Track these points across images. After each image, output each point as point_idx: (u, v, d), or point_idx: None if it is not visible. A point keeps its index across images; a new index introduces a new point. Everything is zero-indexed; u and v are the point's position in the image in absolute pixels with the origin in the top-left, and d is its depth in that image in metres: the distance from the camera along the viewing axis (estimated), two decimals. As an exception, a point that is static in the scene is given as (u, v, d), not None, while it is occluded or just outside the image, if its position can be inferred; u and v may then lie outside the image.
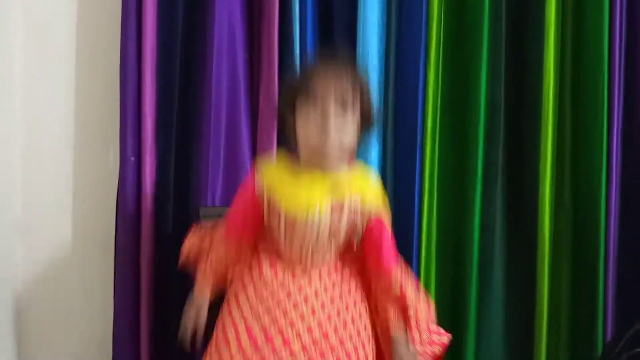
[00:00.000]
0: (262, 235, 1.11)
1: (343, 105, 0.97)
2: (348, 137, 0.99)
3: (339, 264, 1.10)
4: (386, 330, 1.08)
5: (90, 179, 1.48)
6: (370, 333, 1.07)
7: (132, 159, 1.32)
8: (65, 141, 1.46)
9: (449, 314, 1.53)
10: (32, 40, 1.43)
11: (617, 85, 1.46)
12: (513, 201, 1.53)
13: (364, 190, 1.06)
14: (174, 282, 1.41)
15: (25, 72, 1.43)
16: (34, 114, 1.44)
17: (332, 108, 0.96)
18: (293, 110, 1.02)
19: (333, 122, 0.96)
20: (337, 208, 1.03)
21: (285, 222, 1.03)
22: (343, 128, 0.98)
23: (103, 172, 1.46)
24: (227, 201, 1.42)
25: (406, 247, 1.45)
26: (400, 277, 1.08)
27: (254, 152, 1.43)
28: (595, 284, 1.46)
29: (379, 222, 1.08)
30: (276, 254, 1.08)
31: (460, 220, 1.50)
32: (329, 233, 1.04)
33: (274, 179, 1.05)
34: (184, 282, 1.41)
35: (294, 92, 1.02)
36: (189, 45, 1.39)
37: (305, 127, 0.99)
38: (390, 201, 1.46)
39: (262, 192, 1.04)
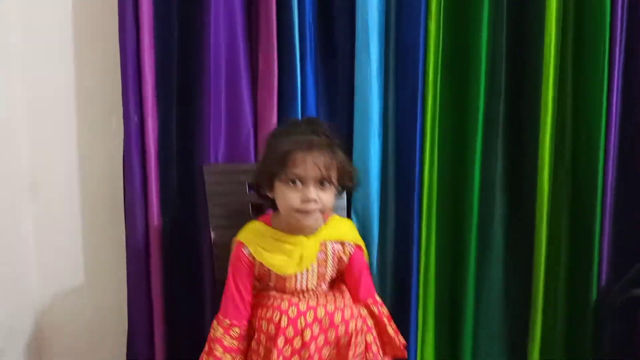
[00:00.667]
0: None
1: (321, 184, 1.07)
2: (327, 203, 1.09)
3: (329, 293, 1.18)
4: None
5: (95, 141, 1.50)
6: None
7: (136, 119, 1.34)
8: (67, 106, 1.47)
9: (450, 268, 1.58)
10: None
11: (618, 36, 1.44)
12: (513, 154, 1.54)
13: (342, 233, 1.18)
14: (181, 242, 1.47)
15: (25, 33, 1.42)
16: (35, 78, 1.44)
17: (312, 189, 1.06)
18: (271, 186, 1.11)
19: (313, 198, 1.05)
20: (322, 262, 1.15)
21: (276, 280, 1.14)
22: (322, 198, 1.07)
23: (108, 134, 1.47)
24: (230, 158, 1.45)
25: (406, 199, 1.50)
26: (373, 311, 1.18)
27: (255, 110, 1.44)
28: (592, 234, 1.49)
29: (358, 256, 1.19)
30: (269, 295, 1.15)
31: (461, 174, 1.52)
32: (317, 278, 1.15)
33: (264, 253, 1.12)
34: (191, 243, 1.48)
35: (272, 173, 1.08)
36: (187, 5, 1.38)
37: (285, 201, 1.07)
38: (392, 155, 1.50)
39: (253, 260, 1.13)
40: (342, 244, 1.17)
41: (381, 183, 1.50)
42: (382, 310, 1.19)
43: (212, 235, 1.35)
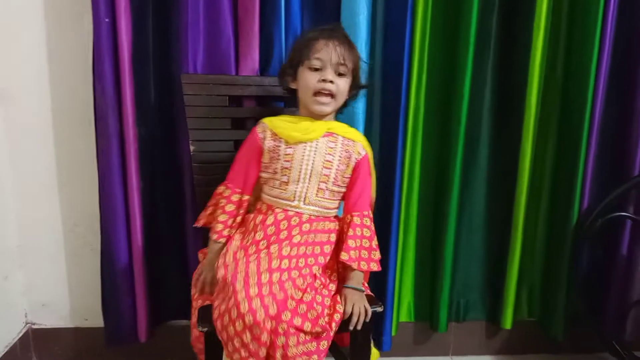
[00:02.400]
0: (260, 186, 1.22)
1: (339, 73, 1.16)
2: (342, 90, 1.17)
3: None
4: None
5: (65, 45, 1.41)
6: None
7: (107, 20, 1.24)
8: (34, 4, 1.38)
9: (434, 191, 1.58)
10: None
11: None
12: (504, 74, 1.50)
13: (353, 134, 1.21)
14: (157, 148, 1.42)
15: None
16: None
17: (330, 71, 1.14)
18: (295, 75, 1.19)
19: (330, 79, 1.14)
20: (332, 139, 1.18)
21: (285, 150, 1.16)
22: (338, 83, 1.15)
23: (78, 36, 1.39)
24: (209, 68, 1.38)
25: (392, 118, 1.45)
26: (367, 224, 1.19)
27: (235, 17, 1.35)
28: (577, 158, 1.48)
29: (366, 163, 1.22)
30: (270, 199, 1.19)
31: (450, 93, 1.48)
32: (323, 165, 1.17)
33: (276, 121, 1.19)
34: (170, 155, 1.44)
35: (297, 60, 1.17)
36: None
37: (306, 83, 1.15)
38: (378, 73, 1.44)
39: (264, 136, 1.18)
40: (353, 142, 1.20)
41: (367, 101, 1.45)
42: (371, 225, 1.21)
43: (191, 148, 1.30)
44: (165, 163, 1.43)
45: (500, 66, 1.50)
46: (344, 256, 1.13)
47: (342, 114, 1.27)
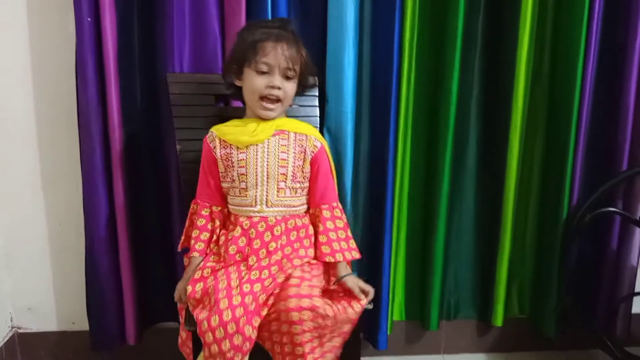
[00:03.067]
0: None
1: (287, 75, 1.13)
2: (289, 94, 1.15)
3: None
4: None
5: (49, 44, 1.39)
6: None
7: (89, 19, 1.23)
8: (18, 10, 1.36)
9: (424, 189, 1.57)
10: None
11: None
12: (491, 74, 1.50)
13: (305, 128, 1.19)
14: (143, 148, 1.40)
15: None
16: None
17: (278, 77, 1.12)
18: (240, 73, 1.15)
19: (277, 85, 1.11)
20: (284, 137, 1.16)
21: (238, 156, 1.15)
22: (286, 87, 1.13)
23: (63, 36, 1.37)
24: (195, 68, 1.37)
25: (381, 117, 1.45)
26: (337, 215, 1.19)
27: (222, 17, 1.34)
28: (566, 154, 1.48)
29: (324, 155, 1.20)
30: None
31: (438, 92, 1.47)
32: (278, 164, 1.15)
33: (223, 128, 1.17)
34: (154, 146, 1.42)
35: (242, 59, 1.12)
36: None
37: (252, 87, 1.12)
38: (367, 68, 1.44)
39: (214, 145, 1.17)
40: (306, 136, 1.18)
41: (356, 101, 1.44)
42: (343, 216, 1.21)
43: (178, 147, 1.29)
44: (151, 163, 1.42)
45: (487, 65, 1.50)
46: (321, 256, 1.16)
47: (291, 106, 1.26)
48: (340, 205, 1.21)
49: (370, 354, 1.63)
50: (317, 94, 1.35)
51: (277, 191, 1.15)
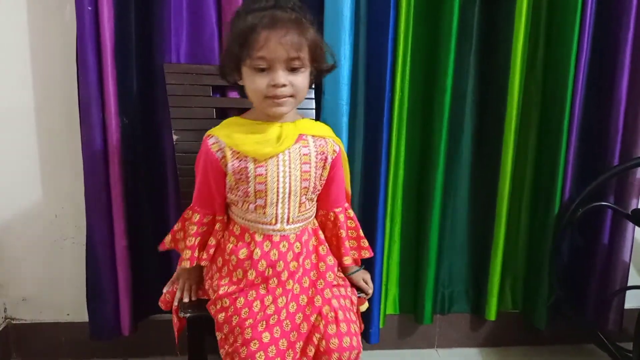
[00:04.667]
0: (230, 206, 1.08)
1: (291, 67, 0.94)
2: (301, 88, 0.97)
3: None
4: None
5: (48, 34, 1.39)
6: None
7: (89, 8, 1.23)
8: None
9: (418, 182, 1.58)
10: None
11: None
12: (485, 68, 1.51)
13: (322, 130, 1.07)
14: (140, 137, 1.40)
15: None
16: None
17: (280, 73, 0.93)
18: (238, 72, 0.98)
19: (282, 83, 0.93)
20: (304, 143, 1.02)
21: (255, 170, 0.98)
22: (294, 82, 0.95)
23: (61, 25, 1.38)
24: (192, 59, 1.37)
25: (376, 108, 1.45)
26: (351, 216, 1.15)
27: (219, 7, 1.35)
28: (559, 148, 1.49)
29: (340, 158, 1.10)
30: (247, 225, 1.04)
31: (433, 85, 1.48)
32: (301, 177, 1.01)
33: (234, 135, 0.99)
34: (153, 146, 1.42)
35: (236, 57, 0.95)
36: None
37: (253, 88, 0.96)
38: (362, 59, 1.44)
39: (223, 155, 0.99)
40: (325, 140, 1.06)
41: (351, 93, 1.45)
42: (354, 215, 1.18)
43: (174, 138, 1.30)
44: (148, 153, 1.42)
45: (482, 58, 1.51)
46: (346, 260, 1.13)
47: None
48: (349, 204, 1.18)
49: (363, 347, 1.63)
50: (313, 86, 1.36)
51: (299, 206, 1.03)
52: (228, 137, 0.99)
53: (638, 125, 1.47)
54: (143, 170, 1.42)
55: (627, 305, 1.59)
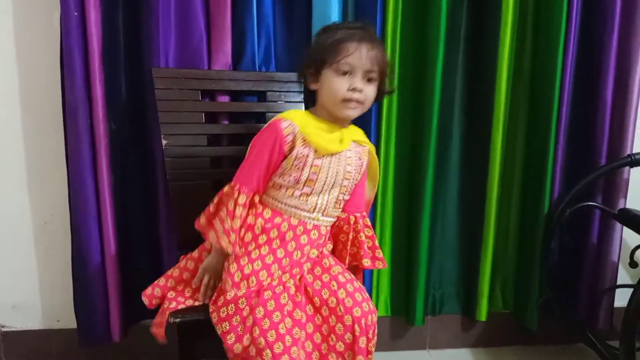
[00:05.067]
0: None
1: (368, 78, 1.07)
2: (369, 98, 1.09)
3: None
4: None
5: (34, 40, 1.39)
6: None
7: (76, 13, 1.23)
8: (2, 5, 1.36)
9: (407, 186, 1.58)
10: None
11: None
12: (473, 70, 1.53)
13: (362, 136, 1.17)
14: (129, 143, 1.40)
15: None
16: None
17: (360, 79, 1.05)
18: (317, 75, 1.09)
19: (360, 88, 1.05)
20: (350, 147, 1.11)
21: (313, 161, 1.06)
22: (366, 90, 1.07)
23: (47, 32, 1.37)
24: (181, 63, 1.37)
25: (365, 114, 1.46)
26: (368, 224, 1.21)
27: (207, 13, 1.35)
28: (547, 149, 1.51)
29: (368, 163, 1.19)
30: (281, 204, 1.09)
31: (422, 90, 1.49)
32: (344, 176, 1.10)
33: (308, 128, 1.07)
34: (137, 142, 1.42)
35: (323, 60, 1.06)
36: None
37: (333, 89, 1.05)
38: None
39: (294, 139, 1.05)
40: (362, 148, 1.17)
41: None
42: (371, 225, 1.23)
43: (164, 142, 1.30)
44: (137, 158, 1.41)
45: (470, 60, 1.53)
46: (366, 262, 1.19)
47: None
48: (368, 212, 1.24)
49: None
50: (302, 89, 1.37)
51: (336, 202, 1.13)
52: (303, 126, 1.06)
53: (624, 127, 1.48)
54: (132, 175, 1.42)
55: (616, 304, 1.60)
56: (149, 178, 1.43)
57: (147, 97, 1.37)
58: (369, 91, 1.08)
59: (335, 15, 1.38)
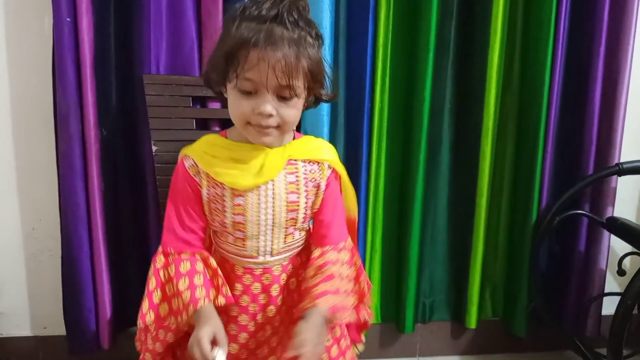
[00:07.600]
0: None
1: (282, 95, 0.82)
2: (289, 120, 0.84)
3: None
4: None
5: (25, 45, 1.38)
6: None
7: (68, 19, 1.23)
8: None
9: (398, 194, 1.59)
10: None
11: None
12: (463, 78, 1.53)
13: (316, 151, 0.94)
14: (119, 149, 1.40)
15: None
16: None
17: (268, 100, 0.80)
18: (223, 84, 0.86)
19: (267, 113, 0.81)
20: (292, 169, 0.91)
21: (233, 200, 0.87)
22: (281, 113, 0.83)
23: (38, 37, 1.37)
24: (172, 70, 1.38)
25: (357, 120, 1.47)
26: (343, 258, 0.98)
27: (199, 19, 1.36)
28: (534, 159, 1.52)
29: (334, 183, 0.97)
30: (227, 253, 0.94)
31: (412, 97, 1.50)
32: (286, 208, 0.90)
33: (208, 158, 0.88)
34: (128, 148, 1.42)
35: (221, 72, 0.83)
36: None
37: (235, 110, 0.84)
38: (342, 74, 1.46)
39: (200, 179, 0.89)
40: (318, 164, 0.94)
41: (331, 104, 1.46)
42: (357, 260, 1.03)
43: (154, 149, 1.30)
44: (127, 164, 1.41)
45: (459, 70, 1.53)
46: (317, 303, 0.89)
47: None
48: (349, 243, 1.00)
49: (346, 357, 1.63)
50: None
51: (285, 237, 0.93)
52: (205, 161, 0.89)
53: (611, 136, 1.50)
54: (123, 181, 1.41)
55: (604, 312, 1.61)
56: (139, 184, 1.42)
57: (138, 103, 1.36)
58: (286, 112, 0.82)
59: (327, 24, 1.39)
